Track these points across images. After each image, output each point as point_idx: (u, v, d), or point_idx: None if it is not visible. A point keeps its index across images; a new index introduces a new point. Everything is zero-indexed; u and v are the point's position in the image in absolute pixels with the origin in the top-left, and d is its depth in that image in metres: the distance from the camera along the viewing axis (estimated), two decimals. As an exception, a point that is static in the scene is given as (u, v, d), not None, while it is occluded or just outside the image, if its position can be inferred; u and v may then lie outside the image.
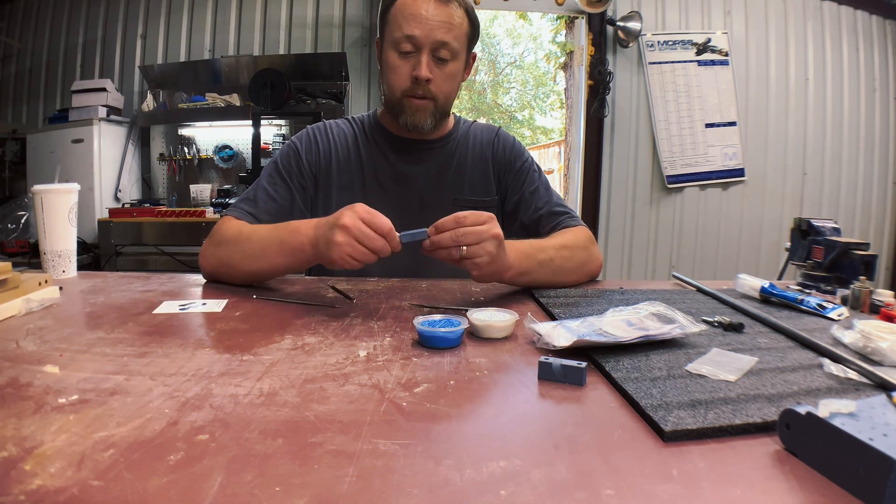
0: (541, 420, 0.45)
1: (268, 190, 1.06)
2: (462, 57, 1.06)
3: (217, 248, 0.95)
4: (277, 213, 1.04)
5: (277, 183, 1.07)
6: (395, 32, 1.01)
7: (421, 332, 0.62)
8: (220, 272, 0.95)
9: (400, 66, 1.03)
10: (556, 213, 1.11)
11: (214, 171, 3.33)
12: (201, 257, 0.98)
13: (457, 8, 1.01)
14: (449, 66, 1.03)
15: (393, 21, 1.02)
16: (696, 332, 0.64)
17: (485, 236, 0.77)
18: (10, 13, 3.37)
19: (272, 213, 1.03)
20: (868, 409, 0.39)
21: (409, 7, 1.00)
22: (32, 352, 0.57)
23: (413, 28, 0.99)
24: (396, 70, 1.03)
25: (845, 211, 3.41)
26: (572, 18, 3.37)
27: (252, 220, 1.01)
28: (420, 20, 0.99)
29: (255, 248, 0.90)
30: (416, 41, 1.00)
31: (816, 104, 3.33)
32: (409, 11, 1.00)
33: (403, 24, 1.00)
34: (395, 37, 1.01)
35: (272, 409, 0.45)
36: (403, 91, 1.04)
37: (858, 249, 0.94)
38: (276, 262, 0.88)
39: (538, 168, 1.19)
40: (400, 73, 1.03)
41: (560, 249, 0.96)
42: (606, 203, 3.33)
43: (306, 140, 1.13)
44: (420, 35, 0.99)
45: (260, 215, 1.02)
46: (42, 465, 0.35)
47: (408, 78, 1.03)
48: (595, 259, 1.03)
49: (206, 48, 3.27)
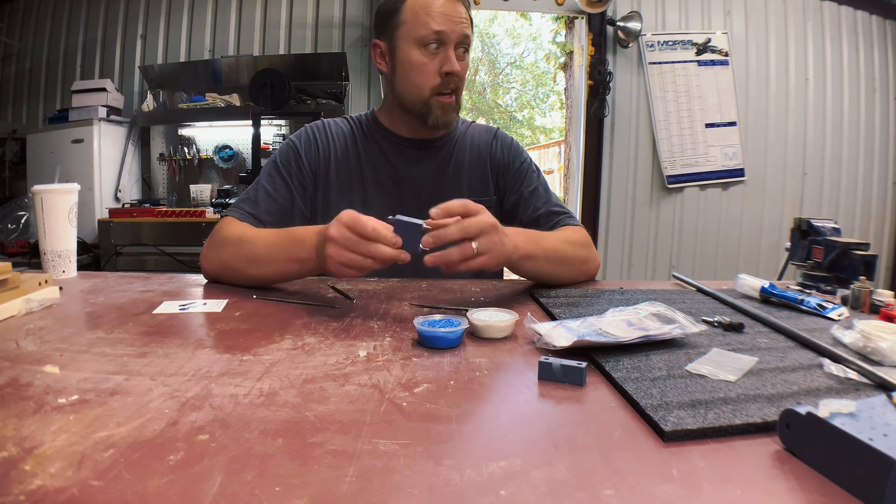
0: (541, 420, 0.45)
1: (268, 190, 1.05)
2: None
3: (219, 251, 0.94)
4: (278, 213, 1.04)
5: (277, 182, 1.07)
6: (419, 30, 1.02)
7: (421, 332, 0.62)
8: (224, 274, 0.94)
9: (427, 63, 1.03)
10: (554, 213, 1.12)
11: (214, 171, 3.33)
12: (202, 259, 0.97)
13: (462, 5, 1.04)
14: (466, 59, 1.07)
15: (413, 19, 1.02)
16: (696, 332, 0.64)
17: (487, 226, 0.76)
18: (10, 13, 3.37)
19: (273, 213, 1.03)
20: (868, 410, 0.39)
21: (433, 4, 1.01)
22: (32, 352, 0.57)
23: (441, 24, 1.00)
24: (423, 68, 1.03)
25: (845, 211, 3.41)
26: (572, 18, 3.37)
27: (253, 220, 1.00)
28: (444, 16, 1.01)
29: (261, 253, 0.89)
30: (443, 36, 1.01)
31: (816, 104, 3.33)
32: (433, 9, 1.01)
33: (430, 21, 1.01)
34: (420, 34, 1.02)
35: (272, 409, 0.45)
36: (433, 89, 1.04)
37: (858, 249, 0.94)
38: (284, 268, 0.87)
39: (537, 168, 1.20)
40: (427, 70, 1.03)
41: (563, 242, 0.97)
42: (606, 203, 3.33)
43: (305, 139, 1.12)
44: (448, 29, 1.01)
45: (261, 215, 1.02)
46: (42, 465, 0.35)
47: (436, 75, 1.03)
48: (594, 259, 1.04)
49: (206, 48, 3.27)
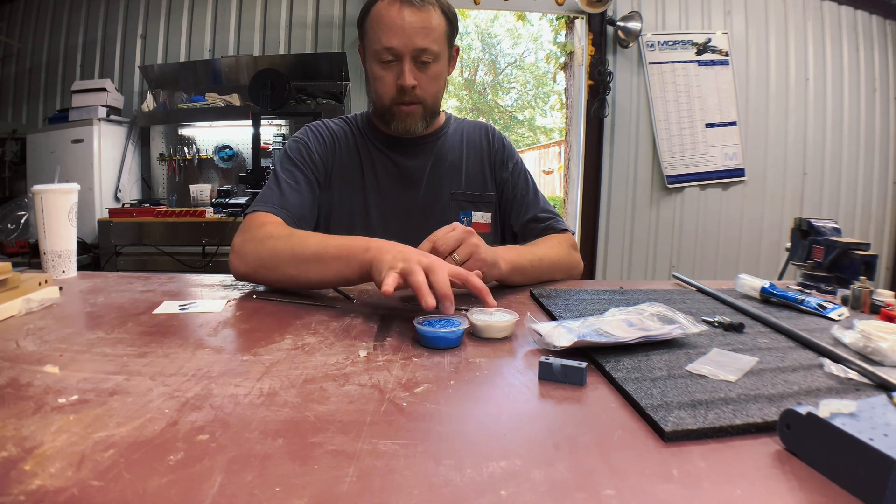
0: (541, 420, 0.45)
1: (290, 183, 1.04)
2: (444, 56, 1.05)
3: (260, 246, 0.88)
4: (306, 205, 1.03)
5: (297, 175, 1.06)
6: (374, 44, 1.01)
7: (421, 332, 0.62)
8: (259, 273, 0.88)
9: (384, 76, 1.02)
10: (542, 219, 1.16)
11: (214, 171, 3.33)
12: (237, 255, 0.90)
13: (432, 9, 1.00)
14: (432, 68, 1.03)
15: (371, 32, 1.01)
16: (697, 333, 0.63)
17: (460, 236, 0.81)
18: (10, 13, 3.37)
19: (301, 205, 1.02)
20: (868, 410, 0.39)
21: (385, 17, 0.98)
22: (32, 352, 0.57)
23: (391, 38, 0.98)
24: (381, 80, 1.03)
25: (845, 211, 3.41)
26: (572, 19, 3.37)
27: (283, 213, 0.98)
28: (397, 29, 0.98)
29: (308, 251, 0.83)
30: (395, 51, 0.99)
31: (816, 104, 3.33)
32: (385, 22, 0.98)
33: (381, 35, 0.99)
34: (374, 48, 1.01)
35: (272, 410, 0.45)
36: (392, 99, 1.04)
37: (858, 249, 0.94)
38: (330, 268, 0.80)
39: (527, 170, 1.23)
40: (385, 82, 1.03)
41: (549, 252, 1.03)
42: (606, 203, 3.33)
43: (312, 135, 1.13)
44: (398, 45, 0.98)
45: (290, 208, 1.00)
46: (42, 466, 0.35)
47: (393, 87, 1.02)
48: (578, 264, 1.10)
49: (206, 48, 3.27)
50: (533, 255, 0.98)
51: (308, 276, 0.83)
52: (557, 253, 1.05)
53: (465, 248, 0.80)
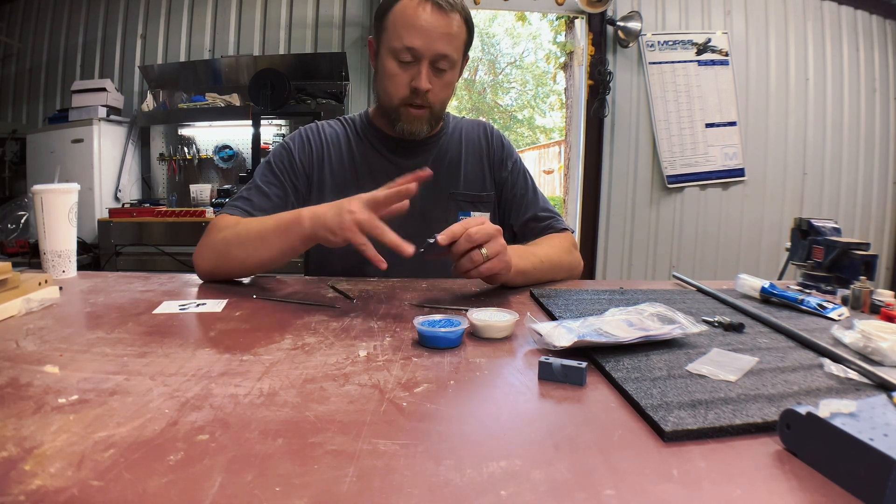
0: (541, 420, 0.45)
1: (262, 188, 1.06)
2: (458, 65, 1.06)
3: (212, 240, 0.94)
4: (272, 209, 1.04)
5: (271, 181, 1.07)
6: (393, 41, 0.99)
7: (421, 332, 0.62)
8: (219, 267, 0.94)
9: (398, 74, 1.01)
10: (542, 218, 1.16)
11: (214, 171, 3.33)
12: (196, 257, 0.96)
13: (458, 16, 1.00)
14: (447, 75, 1.03)
15: (392, 28, 1.00)
16: (697, 333, 0.63)
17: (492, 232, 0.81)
18: (10, 13, 3.37)
19: (267, 209, 1.03)
20: (868, 410, 0.39)
21: (410, 16, 0.97)
22: (32, 352, 0.57)
23: (414, 39, 0.97)
24: (394, 79, 1.02)
25: (845, 211, 3.41)
26: (572, 18, 3.37)
27: (248, 216, 1.00)
28: (420, 31, 0.96)
29: (252, 232, 0.90)
30: (416, 52, 0.98)
31: (816, 104, 3.33)
32: (410, 21, 0.97)
33: (404, 33, 0.97)
34: (394, 46, 0.99)
35: (272, 409, 0.45)
36: (402, 100, 1.03)
37: (858, 249, 0.94)
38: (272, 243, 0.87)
39: (526, 169, 1.23)
40: (398, 81, 1.02)
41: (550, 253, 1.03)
42: (606, 203, 3.33)
43: (299, 140, 1.13)
44: (421, 46, 0.97)
45: (255, 212, 1.02)
46: (42, 466, 0.35)
47: (406, 87, 1.02)
48: (578, 264, 1.11)
49: (206, 48, 3.27)
50: (535, 258, 0.98)
51: (258, 255, 0.89)
52: (558, 253, 1.05)
53: (494, 245, 0.81)
